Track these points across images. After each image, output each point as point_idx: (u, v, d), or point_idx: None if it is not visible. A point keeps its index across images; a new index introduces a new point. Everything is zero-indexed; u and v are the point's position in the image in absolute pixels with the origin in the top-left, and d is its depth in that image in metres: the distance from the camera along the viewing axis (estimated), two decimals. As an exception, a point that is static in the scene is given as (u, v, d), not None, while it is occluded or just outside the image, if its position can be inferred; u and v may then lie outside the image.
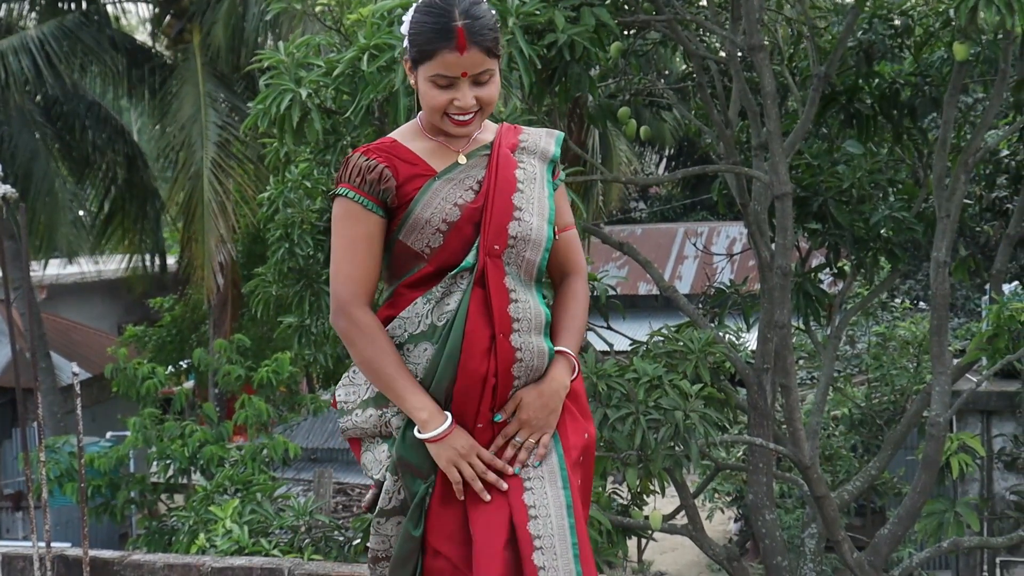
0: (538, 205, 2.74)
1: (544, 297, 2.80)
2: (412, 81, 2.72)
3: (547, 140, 2.86)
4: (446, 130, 2.71)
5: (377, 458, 2.76)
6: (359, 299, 2.68)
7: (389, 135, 2.81)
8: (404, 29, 2.68)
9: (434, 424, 2.61)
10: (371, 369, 2.68)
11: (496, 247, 2.67)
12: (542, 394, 2.69)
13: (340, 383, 2.85)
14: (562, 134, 2.92)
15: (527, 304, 2.70)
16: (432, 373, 2.65)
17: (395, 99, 4.55)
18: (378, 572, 2.80)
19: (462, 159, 2.73)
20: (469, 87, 2.64)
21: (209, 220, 13.05)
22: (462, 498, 2.63)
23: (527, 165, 2.78)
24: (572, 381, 2.76)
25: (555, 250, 2.82)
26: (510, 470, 2.64)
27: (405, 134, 2.78)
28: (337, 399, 2.83)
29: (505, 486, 2.63)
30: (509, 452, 2.66)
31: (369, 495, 2.83)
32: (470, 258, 2.66)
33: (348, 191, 2.68)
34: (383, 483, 2.73)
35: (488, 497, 2.62)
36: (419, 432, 2.62)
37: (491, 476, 2.62)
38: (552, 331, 2.80)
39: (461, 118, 2.66)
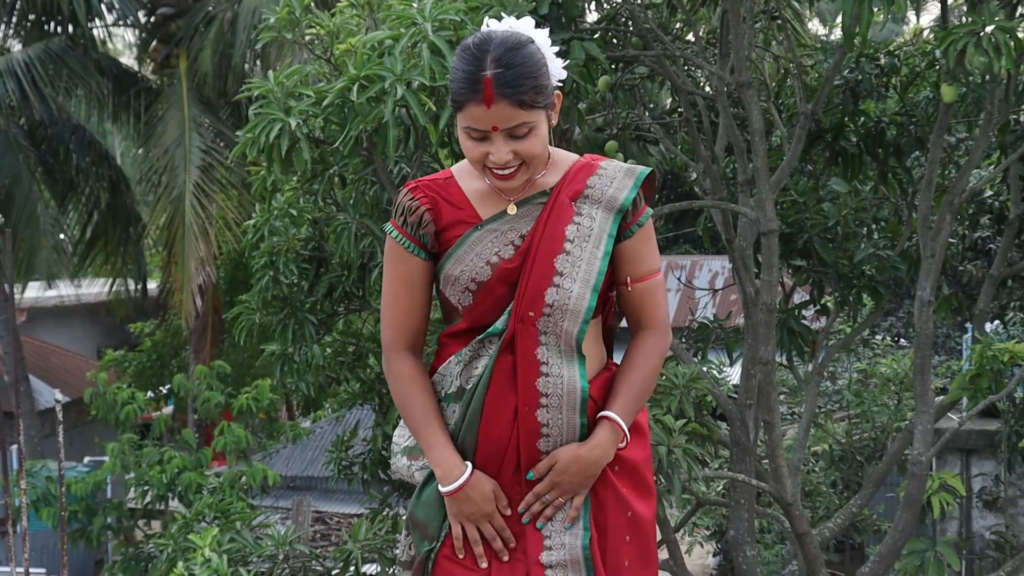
0: (584, 270, 2.48)
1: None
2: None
3: (619, 185, 2.54)
4: (490, 181, 2.48)
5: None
6: (397, 345, 2.55)
7: (451, 167, 2.61)
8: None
9: (448, 481, 2.47)
10: (404, 417, 2.58)
11: (530, 314, 2.45)
12: (579, 459, 2.48)
13: (401, 423, 2.72)
14: (645, 171, 2.61)
15: (559, 379, 2.47)
16: (457, 436, 2.51)
17: (384, 130, 4.54)
18: None
19: (512, 208, 2.50)
20: (504, 141, 2.38)
21: (190, 242, 12.97)
22: (461, 556, 2.51)
23: (585, 219, 2.50)
24: (621, 450, 2.54)
25: (630, 301, 2.61)
26: (512, 543, 2.51)
27: (463, 171, 2.56)
28: (393, 439, 2.73)
29: (507, 558, 2.50)
30: (537, 507, 2.51)
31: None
32: (499, 323, 2.46)
33: (393, 230, 2.53)
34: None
35: (484, 564, 2.50)
36: (441, 485, 2.50)
37: (498, 544, 2.50)
38: (609, 393, 2.57)
39: (501, 172, 2.42)
